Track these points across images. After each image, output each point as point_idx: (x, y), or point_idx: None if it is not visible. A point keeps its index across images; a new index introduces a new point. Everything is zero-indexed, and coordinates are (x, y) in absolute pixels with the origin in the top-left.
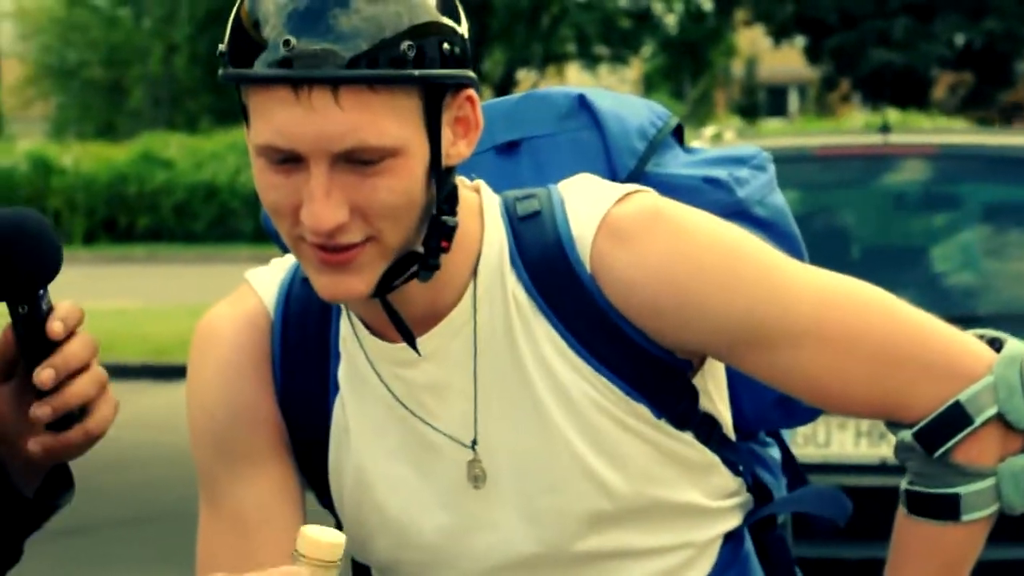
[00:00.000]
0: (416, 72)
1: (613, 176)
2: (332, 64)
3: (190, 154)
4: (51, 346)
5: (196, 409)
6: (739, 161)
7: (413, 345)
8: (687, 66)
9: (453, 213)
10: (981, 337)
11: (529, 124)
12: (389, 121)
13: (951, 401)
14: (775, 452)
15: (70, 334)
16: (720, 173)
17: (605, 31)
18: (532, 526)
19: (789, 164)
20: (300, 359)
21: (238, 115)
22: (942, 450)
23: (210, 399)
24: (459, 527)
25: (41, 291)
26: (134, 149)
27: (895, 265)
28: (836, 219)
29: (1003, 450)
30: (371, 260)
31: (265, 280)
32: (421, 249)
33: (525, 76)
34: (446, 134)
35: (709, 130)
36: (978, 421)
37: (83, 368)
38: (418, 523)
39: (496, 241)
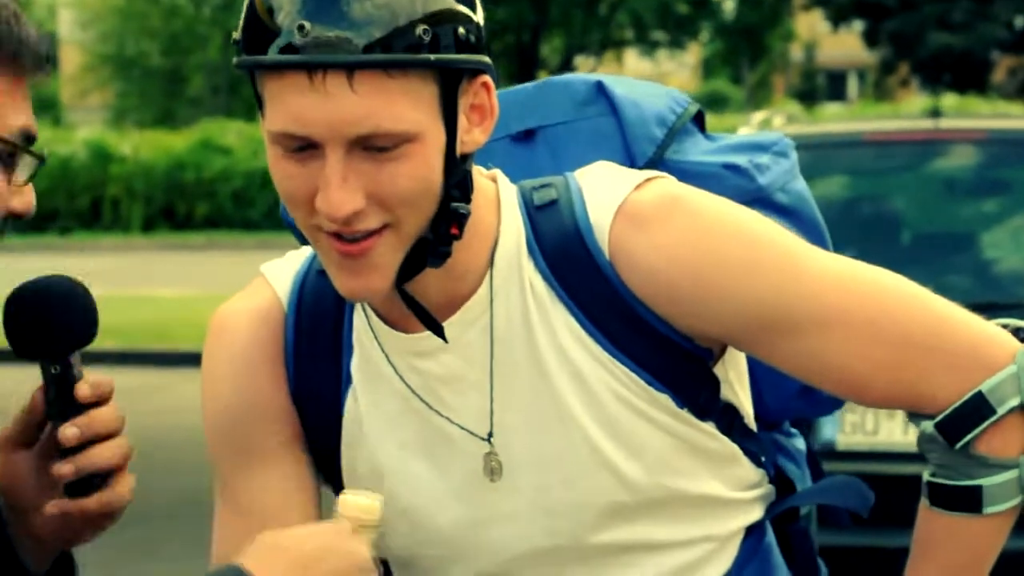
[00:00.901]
0: (432, 57)
1: (631, 163)
2: (347, 50)
3: (248, 141)
4: (79, 409)
5: (210, 403)
6: (760, 147)
7: (438, 331)
8: (745, 51)
9: (467, 200)
10: (1005, 326)
11: (546, 111)
12: (405, 106)
13: (973, 391)
14: (800, 443)
15: (100, 402)
16: (740, 160)
17: (662, 16)
18: (549, 518)
19: (839, 150)
20: (313, 352)
21: None
22: (964, 441)
23: (224, 393)
24: (475, 520)
25: (73, 354)
26: (192, 137)
27: (945, 251)
28: (886, 205)
29: None
30: (387, 251)
31: (280, 273)
32: (431, 236)
33: (583, 62)
34: (461, 120)
35: (758, 115)
36: (1001, 411)
37: (109, 436)
38: (433, 516)
39: (513, 230)
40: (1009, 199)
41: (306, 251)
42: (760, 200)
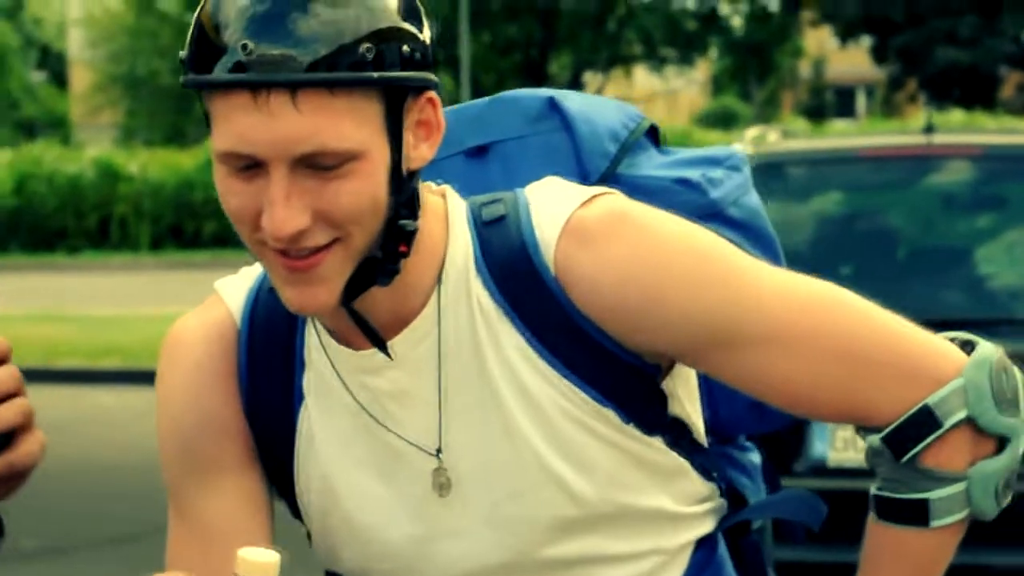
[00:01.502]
0: (375, 74)
1: (584, 178)
2: (291, 69)
3: None
4: None
5: (163, 419)
6: (713, 162)
7: (384, 349)
8: (753, 67)
9: (414, 217)
10: (953, 340)
11: (498, 127)
12: (349, 124)
13: (920, 405)
14: (755, 457)
15: None
16: (693, 174)
17: (671, 33)
18: (499, 533)
19: (834, 166)
20: (266, 368)
21: None
22: (910, 454)
23: (177, 409)
24: (426, 536)
25: None
26: (201, 155)
27: (940, 266)
28: (881, 220)
29: (973, 455)
30: (335, 266)
31: (233, 289)
32: (379, 254)
33: (592, 79)
34: (407, 137)
35: (751, 132)
36: (947, 425)
37: (8, 397)
38: (385, 532)
39: (461, 246)
40: (1004, 214)
41: (259, 267)
42: (713, 215)
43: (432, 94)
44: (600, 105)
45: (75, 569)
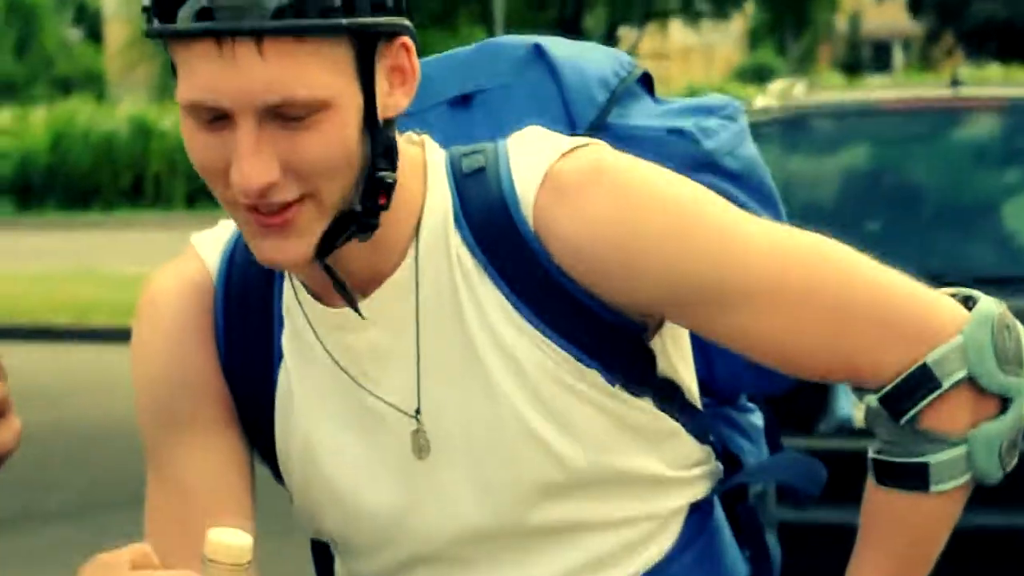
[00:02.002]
0: (344, 20)
1: (573, 128)
2: (256, 15)
3: None
4: None
5: (139, 376)
6: (707, 111)
7: (355, 308)
8: (790, 22)
9: (392, 169)
10: (954, 296)
11: (483, 75)
12: (317, 72)
13: (918, 364)
14: (756, 418)
15: None
16: (686, 123)
17: None
18: (481, 497)
19: (859, 119)
20: (243, 325)
21: None
22: (909, 415)
23: (153, 366)
24: (407, 500)
25: None
26: None
27: (966, 221)
28: (907, 174)
29: (975, 416)
30: (309, 221)
31: (209, 243)
32: (359, 207)
33: (627, 33)
34: (381, 85)
35: (776, 84)
36: (946, 384)
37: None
38: (365, 496)
39: (440, 199)
40: None
41: None
42: (707, 165)
43: (406, 39)
44: (590, 52)
45: (102, 528)
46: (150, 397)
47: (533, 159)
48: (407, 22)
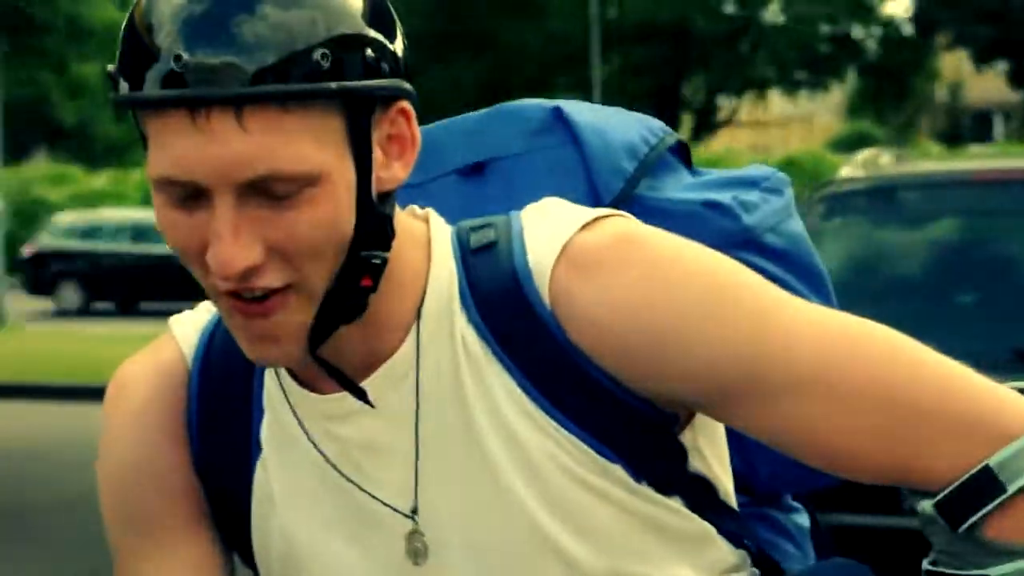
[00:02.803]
0: (333, 84)
1: (596, 199)
2: (234, 80)
3: None
4: None
5: (102, 472)
6: (749, 183)
7: (363, 397)
8: (889, 91)
9: (384, 247)
10: (1021, 391)
11: (497, 142)
12: (305, 144)
13: (980, 466)
14: (802, 518)
15: None
16: (723, 197)
17: (804, 56)
18: None
19: (949, 189)
20: (219, 416)
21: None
22: (969, 523)
23: (115, 463)
24: None
25: None
26: None
27: None
28: (999, 247)
29: None
30: (295, 313)
31: (187, 325)
32: (339, 287)
33: (725, 102)
34: (377, 155)
35: (862, 154)
36: (1012, 489)
37: None
38: None
39: (444, 277)
40: None
41: None
42: (747, 243)
43: (404, 105)
44: (616, 117)
45: None
46: (113, 498)
47: (550, 230)
48: (407, 85)
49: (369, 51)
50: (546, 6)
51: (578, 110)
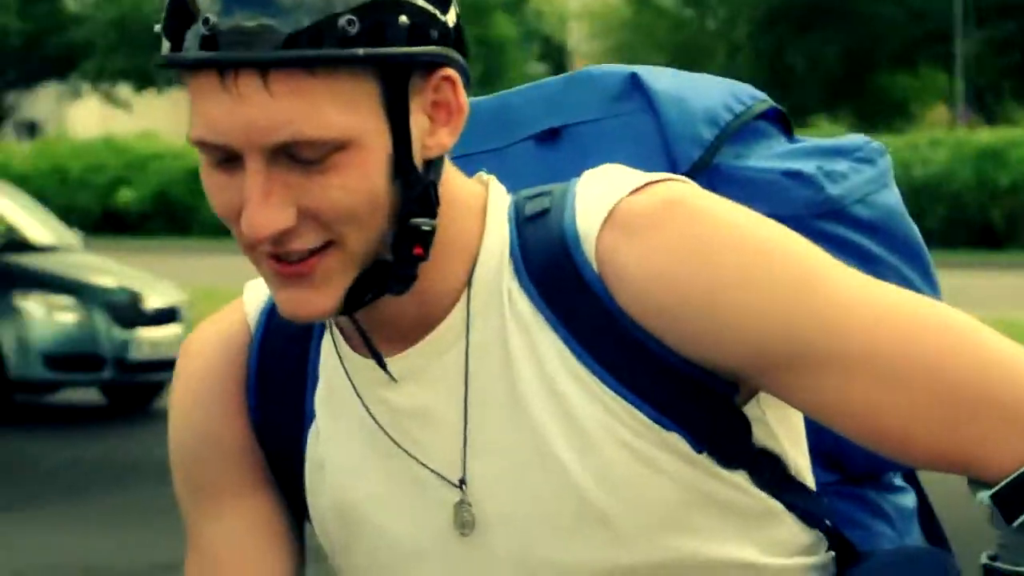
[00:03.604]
0: (360, 51)
1: (673, 167)
2: (266, 44)
3: None
4: None
5: (171, 439)
6: (838, 152)
7: (383, 366)
8: None
9: (431, 215)
10: None
11: (573, 108)
12: (332, 109)
13: None
14: (904, 499)
15: None
16: (807, 166)
17: None
18: None
19: None
20: (275, 382)
21: (792, 116)
22: (1022, 519)
23: (178, 426)
24: None
25: None
26: None
27: None
28: None
29: None
30: (334, 271)
31: (255, 292)
32: (391, 258)
33: None
34: (419, 121)
35: None
36: None
37: None
38: (408, 571)
39: (497, 245)
40: None
41: None
42: (832, 213)
43: (449, 71)
44: (700, 83)
45: None
46: (179, 462)
47: (600, 194)
48: (453, 53)
49: (405, 17)
50: None
51: (656, 76)
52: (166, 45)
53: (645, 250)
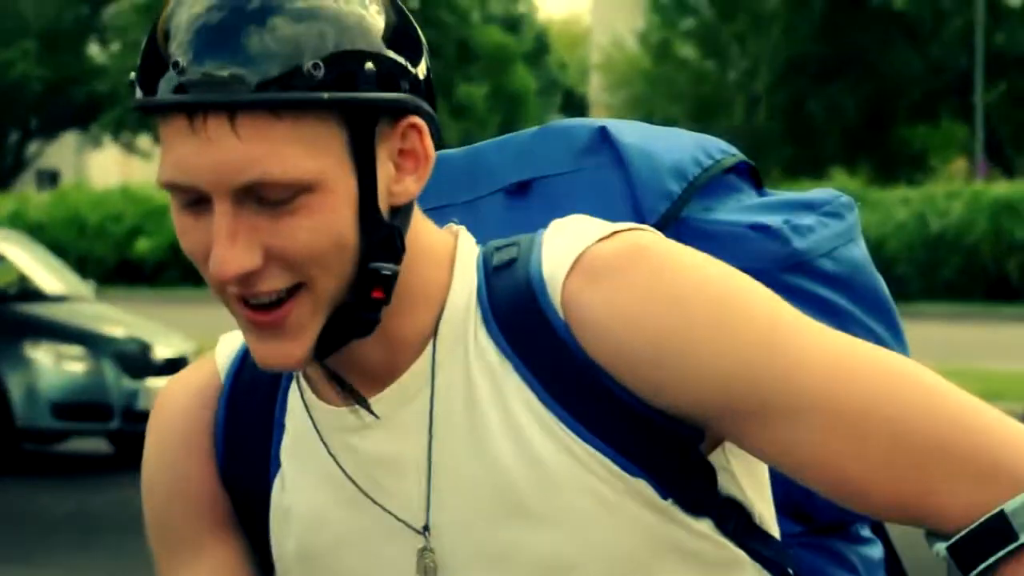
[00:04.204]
0: (325, 95)
1: (641, 220)
2: (235, 90)
3: None
4: None
5: (143, 490)
6: (808, 206)
7: (367, 406)
8: None
9: (395, 260)
10: None
11: (543, 161)
12: (298, 152)
13: (994, 511)
14: (871, 551)
15: None
16: (774, 220)
17: None
18: None
19: None
20: (242, 431)
21: (810, 168)
22: (979, 570)
23: (149, 476)
24: None
25: None
26: None
27: None
28: None
29: None
30: (304, 315)
31: (228, 342)
32: (352, 299)
33: None
34: (386, 169)
35: None
36: None
37: None
38: None
39: (464, 293)
40: None
41: None
42: (798, 266)
43: (415, 120)
44: (670, 138)
45: None
46: (150, 511)
47: (567, 243)
48: (420, 102)
49: (372, 65)
50: (931, 33)
51: (625, 130)
52: (139, 93)
53: (610, 294)
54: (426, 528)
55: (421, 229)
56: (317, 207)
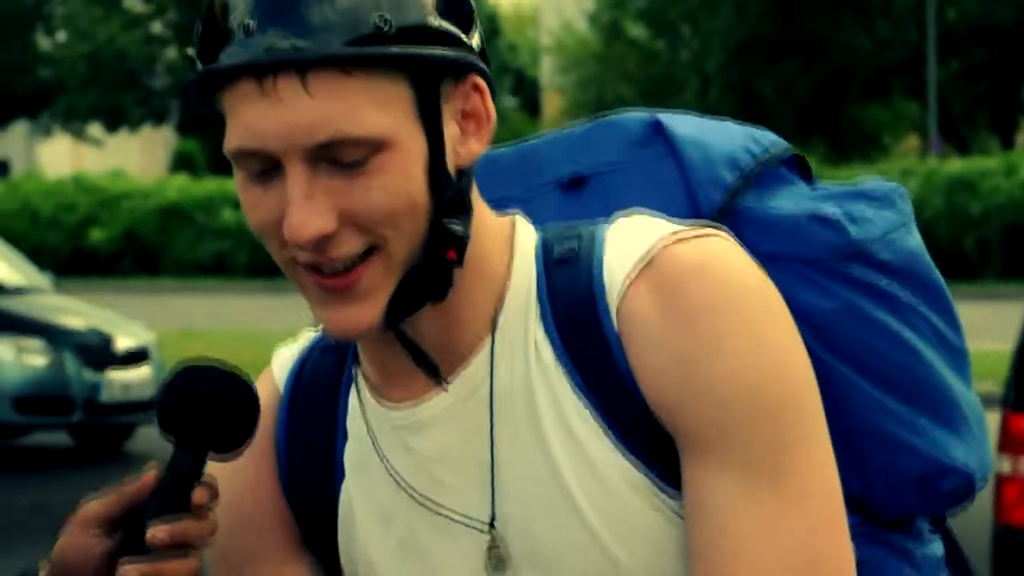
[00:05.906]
0: (395, 48)
1: (697, 212)
2: (306, 51)
3: None
4: (181, 508)
5: None
6: (861, 196)
7: (437, 375)
8: None
9: (465, 221)
10: None
11: (597, 155)
12: (370, 109)
13: None
14: (932, 548)
15: (203, 511)
16: (830, 209)
17: None
18: None
19: None
20: (305, 442)
21: None
22: None
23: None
24: None
25: (211, 453)
26: None
27: None
28: None
29: None
30: (376, 278)
31: (284, 355)
32: (424, 261)
33: None
34: (451, 129)
35: None
36: None
37: (191, 547)
38: None
39: (524, 283)
40: None
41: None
42: (855, 255)
43: (478, 80)
44: (720, 129)
45: None
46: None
47: (629, 246)
48: (479, 61)
49: (435, 21)
50: (882, 9)
51: (678, 122)
52: (199, 67)
53: (661, 324)
54: (493, 520)
55: (481, 208)
56: (390, 167)
